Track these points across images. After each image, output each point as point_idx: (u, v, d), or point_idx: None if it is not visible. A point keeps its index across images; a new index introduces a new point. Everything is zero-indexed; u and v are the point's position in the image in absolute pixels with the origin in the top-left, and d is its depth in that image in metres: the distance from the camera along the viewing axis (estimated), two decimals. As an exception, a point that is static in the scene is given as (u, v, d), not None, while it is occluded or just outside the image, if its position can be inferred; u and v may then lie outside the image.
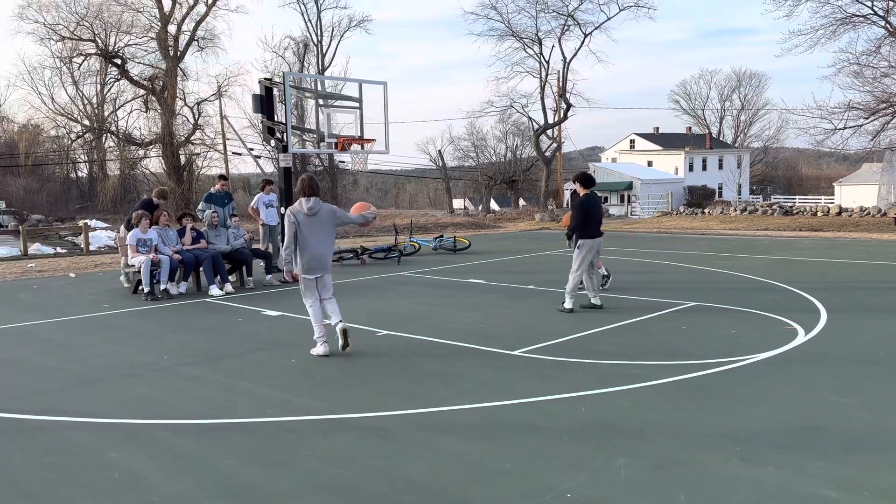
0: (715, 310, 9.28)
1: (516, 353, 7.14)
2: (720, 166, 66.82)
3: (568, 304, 9.35)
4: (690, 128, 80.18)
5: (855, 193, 50.52)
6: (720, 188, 62.15)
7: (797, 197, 57.90)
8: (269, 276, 12.61)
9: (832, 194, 57.50)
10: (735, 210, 33.18)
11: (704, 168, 66.01)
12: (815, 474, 4.13)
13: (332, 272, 7.32)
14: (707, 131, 77.81)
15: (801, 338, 7.55)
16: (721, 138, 79.41)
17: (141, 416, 5.44)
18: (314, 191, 7.12)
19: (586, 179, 9.57)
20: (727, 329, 8.04)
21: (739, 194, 63.52)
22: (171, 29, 42.66)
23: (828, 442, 4.64)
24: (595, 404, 5.47)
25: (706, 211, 34.52)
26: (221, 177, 13.90)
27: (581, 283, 9.50)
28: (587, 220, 9.33)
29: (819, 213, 30.46)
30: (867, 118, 29.17)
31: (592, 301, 9.48)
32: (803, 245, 18.53)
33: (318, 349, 7.17)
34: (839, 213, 30.06)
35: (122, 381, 6.45)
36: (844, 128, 29.93)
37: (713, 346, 7.24)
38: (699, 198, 49.09)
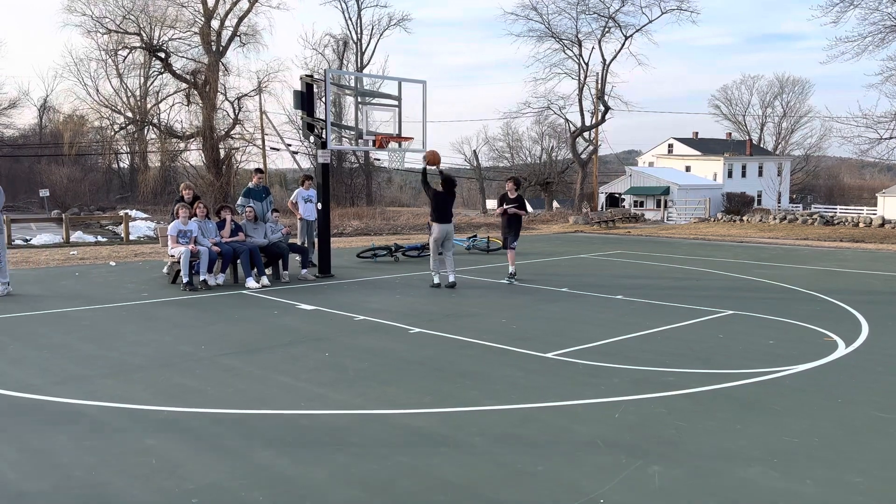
0: (753, 319, 9.15)
1: (549, 355, 7.12)
2: (760, 173, 65.71)
3: (436, 280, 11.50)
4: (730, 133, 78.98)
5: (899, 205, 49.27)
6: (759, 196, 61.08)
7: (838, 207, 56.71)
8: (304, 271, 12.73)
9: (875, 205, 56.16)
10: (774, 218, 32.61)
11: (744, 175, 64.95)
12: (854, 490, 4.06)
13: (366, 269, 7.38)
14: (747, 137, 76.57)
15: (842, 350, 7.40)
16: (762, 145, 78.10)
17: (178, 405, 5.54)
18: None
19: (446, 181, 11.86)
20: (765, 339, 7.91)
21: (779, 202, 62.36)
22: (214, 24, 43.32)
23: (868, 457, 4.54)
24: (629, 410, 5.43)
25: (744, 218, 34.00)
26: (258, 171, 14.08)
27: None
28: (437, 208, 11.60)
29: (861, 224, 29.80)
30: (915, 128, 28.52)
31: (435, 280, 11.45)
32: (845, 256, 18.16)
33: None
34: (882, 225, 29.38)
35: (160, 370, 6.57)
36: (891, 137, 29.31)
37: (750, 356, 7.13)
38: (738, 205, 48.27)
